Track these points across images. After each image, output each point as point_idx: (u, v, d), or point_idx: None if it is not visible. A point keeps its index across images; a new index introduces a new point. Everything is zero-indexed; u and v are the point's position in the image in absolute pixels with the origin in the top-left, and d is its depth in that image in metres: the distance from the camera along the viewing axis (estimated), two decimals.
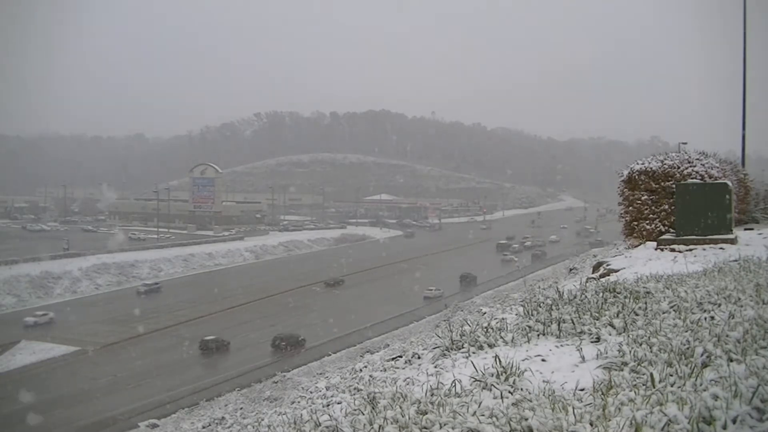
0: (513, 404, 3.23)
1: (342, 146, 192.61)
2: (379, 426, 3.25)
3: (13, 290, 53.52)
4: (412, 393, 3.92)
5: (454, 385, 3.75)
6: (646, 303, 5.17)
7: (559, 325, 4.93)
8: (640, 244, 12.01)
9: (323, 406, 5.89)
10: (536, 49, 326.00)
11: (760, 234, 12.11)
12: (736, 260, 7.89)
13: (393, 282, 62.94)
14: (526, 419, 2.89)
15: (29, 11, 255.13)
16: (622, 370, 3.59)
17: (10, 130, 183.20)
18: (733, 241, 10.47)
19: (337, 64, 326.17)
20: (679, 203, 11.04)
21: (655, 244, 11.11)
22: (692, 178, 11.82)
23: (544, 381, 3.68)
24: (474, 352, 4.82)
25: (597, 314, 5.06)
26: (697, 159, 12.57)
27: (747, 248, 9.53)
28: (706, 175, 11.94)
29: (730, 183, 11.48)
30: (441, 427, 3.05)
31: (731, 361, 3.28)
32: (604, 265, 11.01)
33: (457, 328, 6.56)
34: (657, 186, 12.28)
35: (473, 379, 3.87)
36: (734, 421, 2.51)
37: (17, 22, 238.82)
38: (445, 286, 57.00)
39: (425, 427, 3.11)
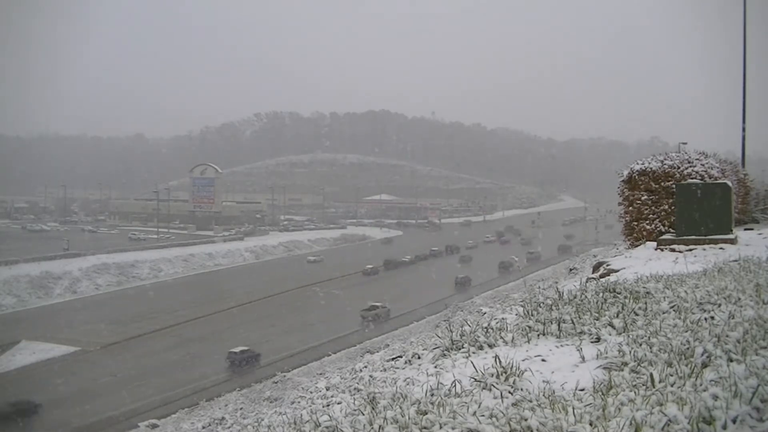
0: (513, 404, 3.23)
1: (342, 146, 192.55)
2: (379, 426, 3.25)
3: (13, 290, 53.50)
4: (412, 393, 3.92)
5: (454, 385, 3.75)
6: (646, 303, 5.17)
7: (559, 325, 4.93)
8: (640, 244, 12.01)
9: (323, 406, 5.89)
10: (536, 48, 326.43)
11: (760, 234, 12.11)
12: (736, 260, 7.88)
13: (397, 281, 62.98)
14: (526, 419, 2.89)
15: (29, 11, 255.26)
16: (622, 370, 3.59)
17: (10, 130, 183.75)
18: (733, 241, 10.47)
19: (337, 64, 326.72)
20: (679, 203, 11.04)
21: (655, 244, 11.10)
22: (692, 178, 11.81)
23: (544, 381, 3.68)
24: (474, 352, 4.82)
25: (597, 314, 5.06)
26: (697, 159, 12.57)
27: (747, 248, 9.53)
28: (706, 175, 11.94)
29: (730, 183, 11.48)
30: (441, 427, 3.05)
31: (731, 361, 3.28)
32: (604, 265, 11.01)
33: (457, 328, 6.56)
34: (657, 186, 12.28)
35: (473, 380, 3.87)
36: (734, 421, 2.51)
37: (17, 22, 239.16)
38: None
39: (425, 427, 3.11)
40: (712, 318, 4.31)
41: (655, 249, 10.84)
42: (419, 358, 6.22)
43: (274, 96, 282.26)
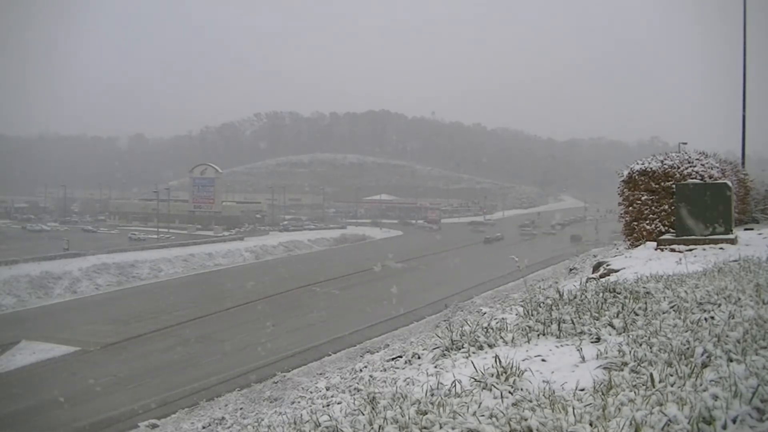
0: (513, 404, 3.24)
1: (342, 146, 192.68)
2: (379, 426, 3.26)
3: (13, 290, 53.46)
4: (412, 393, 3.92)
5: (454, 386, 3.76)
6: (646, 303, 5.17)
7: (559, 325, 4.93)
8: (640, 244, 12.02)
9: (323, 406, 5.89)
10: (536, 49, 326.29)
11: (760, 234, 12.13)
12: (736, 260, 7.89)
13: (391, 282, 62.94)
14: (526, 419, 2.89)
15: (29, 11, 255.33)
16: (622, 370, 3.59)
17: (10, 130, 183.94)
18: (733, 241, 10.48)
19: (337, 65, 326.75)
20: (679, 203, 11.04)
21: (655, 244, 11.12)
22: (692, 178, 11.83)
23: (544, 381, 3.69)
24: (474, 352, 4.82)
25: (597, 314, 5.06)
26: (697, 159, 12.59)
27: (747, 248, 9.55)
28: (706, 175, 11.96)
29: (730, 183, 11.49)
30: (441, 427, 3.05)
31: (731, 361, 3.29)
32: (604, 265, 11.01)
33: (457, 328, 6.57)
34: (657, 186, 12.30)
35: (473, 380, 3.87)
36: (734, 421, 2.51)
37: (17, 22, 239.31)
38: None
39: (425, 427, 3.11)
40: (712, 318, 4.32)
41: (655, 249, 10.85)
42: (419, 358, 6.23)
43: (274, 96, 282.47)
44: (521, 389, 3.54)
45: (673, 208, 11.55)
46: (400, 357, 7.61)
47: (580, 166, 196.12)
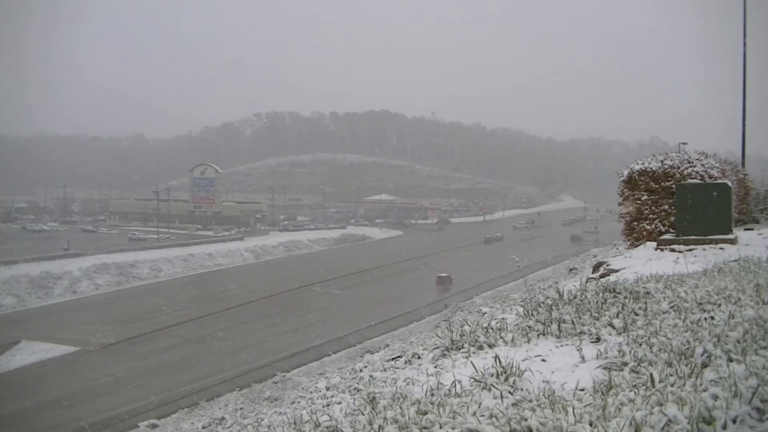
0: (513, 404, 3.24)
1: (342, 146, 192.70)
2: (379, 426, 3.26)
3: (13, 290, 53.47)
4: (412, 393, 3.92)
5: (454, 386, 3.76)
6: (646, 303, 5.17)
7: (559, 325, 4.93)
8: (640, 244, 12.02)
9: (323, 406, 5.89)
10: (536, 49, 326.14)
11: (760, 234, 12.12)
12: (736, 260, 7.89)
13: (389, 283, 63.04)
14: (526, 419, 2.89)
15: (28, 11, 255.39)
16: (622, 370, 3.59)
17: (10, 130, 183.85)
18: (733, 242, 10.48)
19: (337, 65, 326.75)
20: (679, 203, 11.03)
21: (655, 244, 11.11)
22: (692, 178, 11.83)
23: (544, 381, 3.69)
24: (474, 352, 4.82)
25: (597, 314, 5.06)
26: (697, 159, 12.59)
27: (747, 248, 9.54)
28: (706, 175, 11.96)
29: (730, 183, 11.49)
30: (441, 427, 3.05)
31: (731, 361, 3.29)
32: (604, 265, 11.01)
33: (457, 328, 6.57)
34: (657, 186, 12.29)
35: (473, 380, 3.87)
36: (734, 421, 2.51)
37: (16, 21, 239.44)
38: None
39: (425, 427, 3.11)
40: (712, 318, 4.32)
41: (655, 249, 10.85)
42: (419, 358, 6.22)
43: (274, 96, 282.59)
44: (521, 389, 3.54)
45: (673, 208, 11.55)
46: (400, 357, 7.61)
47: (580, 166, 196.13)
